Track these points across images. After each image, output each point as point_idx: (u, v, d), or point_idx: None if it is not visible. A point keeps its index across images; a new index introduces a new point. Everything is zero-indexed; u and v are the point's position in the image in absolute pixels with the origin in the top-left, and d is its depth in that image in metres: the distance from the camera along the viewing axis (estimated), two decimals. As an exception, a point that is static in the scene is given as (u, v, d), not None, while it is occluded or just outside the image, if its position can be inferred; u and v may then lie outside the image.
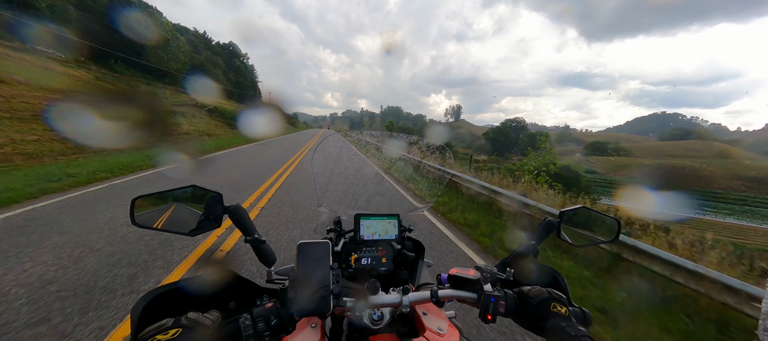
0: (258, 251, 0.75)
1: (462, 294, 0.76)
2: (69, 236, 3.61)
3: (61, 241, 3.45)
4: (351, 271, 1.03)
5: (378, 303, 0.73)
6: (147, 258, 3.14)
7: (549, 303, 0.64)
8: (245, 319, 0.57)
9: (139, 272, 2.87)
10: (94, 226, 3.96)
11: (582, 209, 0.89)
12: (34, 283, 2.57)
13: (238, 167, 10.07)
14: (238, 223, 0.74)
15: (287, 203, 5.70)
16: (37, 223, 4.01)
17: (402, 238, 1.10)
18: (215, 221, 0.73)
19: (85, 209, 4.67)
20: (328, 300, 0.64)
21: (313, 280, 0.65)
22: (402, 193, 7.28)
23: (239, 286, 0.68)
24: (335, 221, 1.17)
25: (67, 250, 3.23)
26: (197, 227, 0.71)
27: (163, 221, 0.72)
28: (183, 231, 0.71)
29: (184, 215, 0.73)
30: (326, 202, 1.26)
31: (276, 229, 4.32)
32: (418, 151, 1.71)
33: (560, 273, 0.78)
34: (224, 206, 0.73)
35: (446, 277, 0.84)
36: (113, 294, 2.49)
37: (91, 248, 3.31)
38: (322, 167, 1.40)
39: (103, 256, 3.13)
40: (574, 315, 0.65)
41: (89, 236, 3.63)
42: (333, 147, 1.51)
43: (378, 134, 1.80)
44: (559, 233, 0.86)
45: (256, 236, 0.74)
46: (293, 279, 0.68)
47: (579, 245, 0.89)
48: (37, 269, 2.81)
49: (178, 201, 0.75)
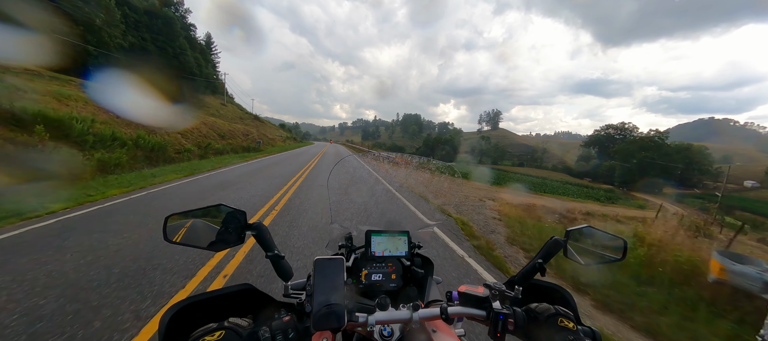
0: (277, 266, 0.79)
1: (471, 311, 0.76)
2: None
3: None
4: (361, 287, 1.04)
5: (388, 319, 0.74)
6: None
7: (556, 318, 0.65)
8: (265, 332, 0.60)
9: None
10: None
11: (587, 228, 0.89)
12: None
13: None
14: (260, 240, 0.78)
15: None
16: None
17: (412, 254, 1.11)
18: (239, 237, 0.77)
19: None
20: (342, 316, 0.64)
21: (328, 296, 0.66)
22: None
23: (257, 300, 0.73)
24: (346, 236, 1.19)
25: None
26: (221, 241, 0.76)
27: (192, 237, 0.77)
28: (203, 246, 0.75)
29: (209, 232, 0.77)
30: (338, 218, 1.28)
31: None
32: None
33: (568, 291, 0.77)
34: (248, 224, 0.77)
35: (456, 294, 0.84)
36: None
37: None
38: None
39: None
40: (584, 333, 0.64)
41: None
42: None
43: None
44: (565, 252, 0.85)
45: (276, 253, 0.78)
46: (309, 294, 0.69)
47: (586, 263, 0.88)
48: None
49: (206, 218, 0.79)
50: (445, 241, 5.02)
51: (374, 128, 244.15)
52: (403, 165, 1.64)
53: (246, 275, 3.25)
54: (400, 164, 1.86)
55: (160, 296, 2.77)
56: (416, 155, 1.97)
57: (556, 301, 0.75)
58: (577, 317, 0.69)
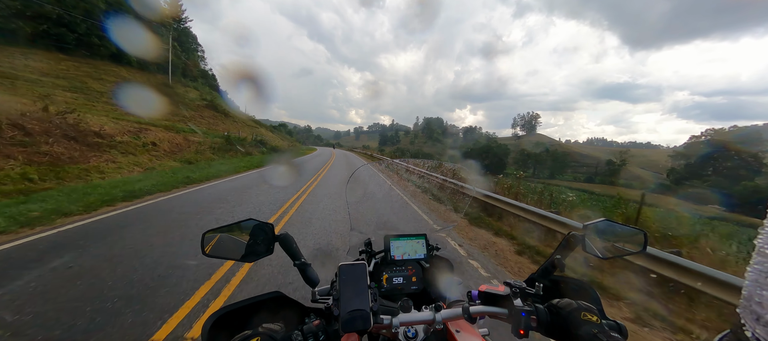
0: (304, 273, 0.82)
1: (493, 309, 0.76)
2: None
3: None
4: (383, 290, 1.07)
5: (412, 320, 0.75)
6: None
7: (579, 312, 0.64)
8: (297, 335, 0.63)
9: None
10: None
11: (605, 221, 0.87)
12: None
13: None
14: (287, 249, 0.82)
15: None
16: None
17: (430, 256, 1.14)
18: (268, 248, 0.81)
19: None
20: (368, 318, 0.66)
21: (354, 299, 0.68)
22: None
23: (287, 306, 0.77)
24: (366, 242, 1.21)
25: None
26: (251, 253, 0.80)
27: (225, 249, 0.82)
28: (236, 258, 0.79)
29: (241, 244, 0.81)
30: (357, 225, 1.31)
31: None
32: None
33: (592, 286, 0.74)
34: (275, 235, 0.81)
35: (477, 293, 0.84)
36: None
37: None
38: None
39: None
40: (608, 327, 0.63)
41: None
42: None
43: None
44: (584, 246, 0.84)
45: (303, 261, 0.82)
46: (336, 298, 0.71)
47: (606, 257, 0.85)
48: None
49: (236, 232, 0.83)
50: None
51: (393, 132, 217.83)
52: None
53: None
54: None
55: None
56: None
57: (578, 296, 0.73)
58: (601, 311, 0.68)
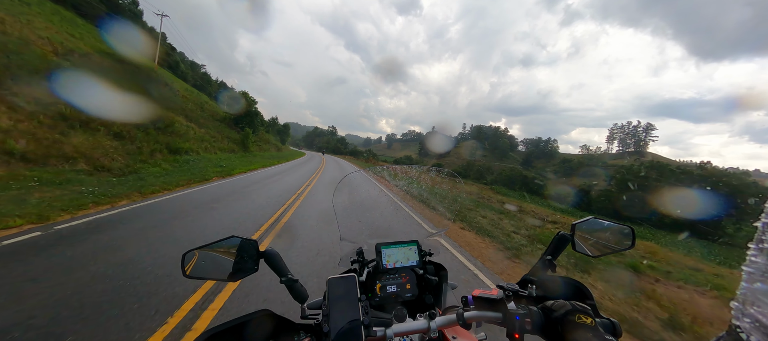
0: (292, 289, 0.80)
1: (488, 314, 0.75)
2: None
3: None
4: (377, 300, 1.04)
5: (406, 330, 0.74)
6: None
7: (573, 314, 0.62)
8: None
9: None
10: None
11: (592, 220, 0.88)
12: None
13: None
14: (273, 266, 0.79)
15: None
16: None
17: (423, 263, 1.11)
18: (253, 265, 0.78)
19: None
20: (359, 332, 0.65)
21: (344, 314, 0.66)
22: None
23: (276, 324, 0.74)
24: (357, 251, 1.18)
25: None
26: (237, 271, 0.76)
27: (209, 269, 0.77)
28: (223, 278, 0.75)
29: (226, 263, 0.77)
30: (347, 234, 1.28)
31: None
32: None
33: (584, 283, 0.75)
34: (260, 252, 0.79)
35: (471, 298, 0.82)
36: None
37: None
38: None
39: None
40: (602, 326, 0.62)
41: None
42: None
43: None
44: (574, 245, 0.85)
45: (290, 277, 0.79)
46: (325, 314, 0.70)
47: (595, 255, 0.86)
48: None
49: (219, 250, 0.79)
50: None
51: (439, 140, 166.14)
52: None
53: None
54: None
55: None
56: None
57: (571, 295, 0.73)
58: (594, 309, 0.68)
